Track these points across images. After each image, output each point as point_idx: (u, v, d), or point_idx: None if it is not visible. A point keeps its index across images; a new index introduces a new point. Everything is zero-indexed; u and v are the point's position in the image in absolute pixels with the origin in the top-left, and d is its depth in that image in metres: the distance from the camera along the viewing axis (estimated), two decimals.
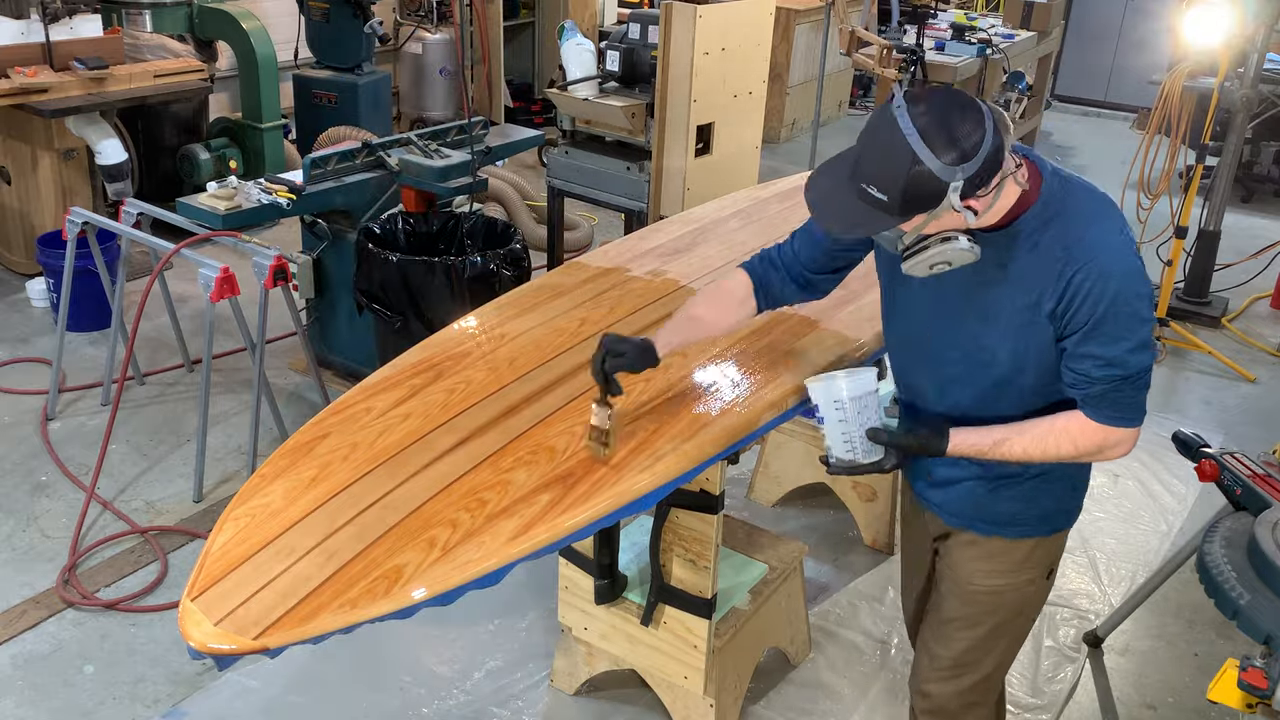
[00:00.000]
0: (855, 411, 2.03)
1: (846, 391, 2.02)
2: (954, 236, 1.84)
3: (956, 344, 2.02)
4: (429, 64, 7.41)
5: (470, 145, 4.25)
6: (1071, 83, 10.30)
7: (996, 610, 2.22)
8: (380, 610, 1.80)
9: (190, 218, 3.94)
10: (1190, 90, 5.64)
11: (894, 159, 1.74)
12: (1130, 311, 1.85)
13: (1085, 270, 1.83)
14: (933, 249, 1.85)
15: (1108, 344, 1.86)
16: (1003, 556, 2.18)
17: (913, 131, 1.72)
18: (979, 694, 2.32)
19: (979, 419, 2.05)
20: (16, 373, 4.62)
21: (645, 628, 2.77)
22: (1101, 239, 1.85)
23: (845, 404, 2.02)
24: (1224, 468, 2.79)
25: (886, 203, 1.76)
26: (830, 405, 2.03)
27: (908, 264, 1.89)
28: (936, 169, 1.73)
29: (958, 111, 1.75)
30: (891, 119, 1.75)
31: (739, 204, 3.55)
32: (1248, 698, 2.21)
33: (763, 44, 4.94)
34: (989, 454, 2.02)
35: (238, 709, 2.97)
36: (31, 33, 5.11)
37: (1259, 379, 5.16)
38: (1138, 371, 1.89)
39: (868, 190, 1.77)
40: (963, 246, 1.84)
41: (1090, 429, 1.95)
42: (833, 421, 2.04)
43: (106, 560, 3.52)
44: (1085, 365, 1.89)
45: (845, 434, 2.04)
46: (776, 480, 3.93)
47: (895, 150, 1.74)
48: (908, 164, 1.73)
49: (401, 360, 2.49)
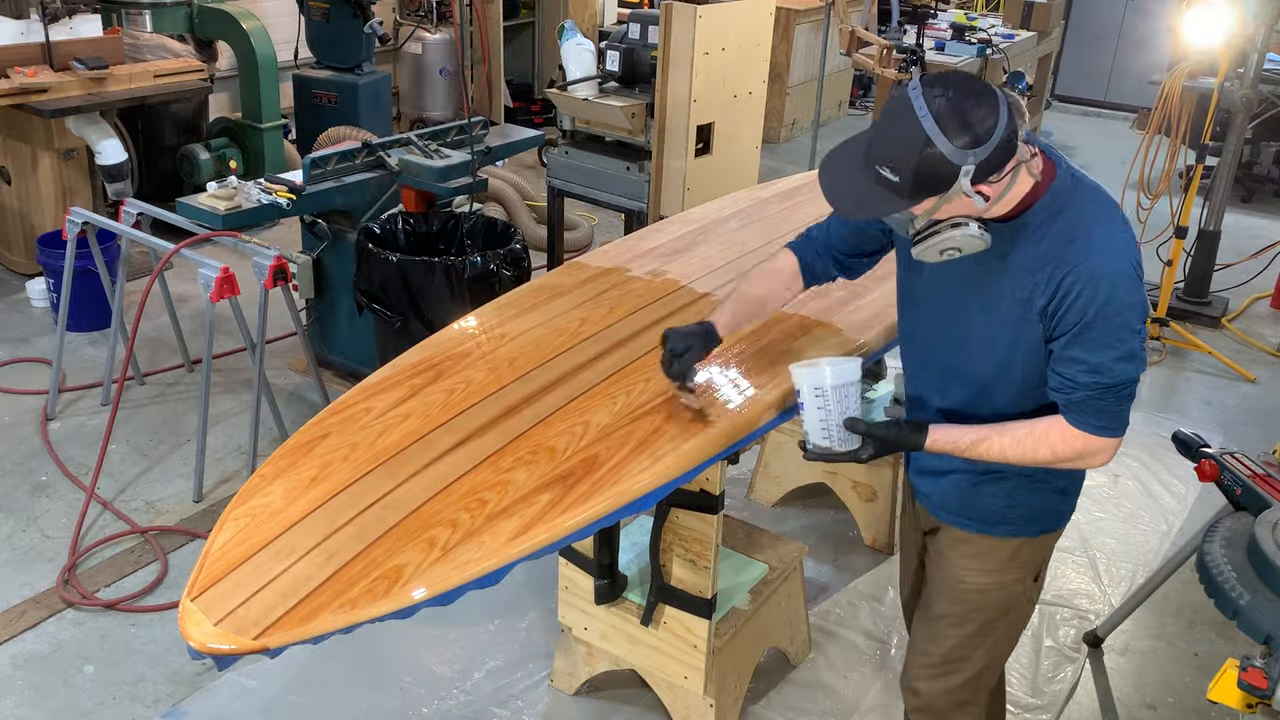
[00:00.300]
0: (836, 400, 2.02)
1: (830, 379, 2.01)
2: (964, 222, 1.84)
3: (958, 334, 2.03)
4: (429, 64, 7.41)
5: (470, 145, 4.25)
6: (1071, 83, 10.31)
7: (983, 608, 2.23)
8: (380, 610, 1.80)
9: (190, 218, 3.94)
10: (1190, 90, 5.64)
11: (907, 140, 1.75)
12: (1120, 320, 1.84)
13: (1077, 271, 1.83)
14: (943, 234, 1.85)
15: (1094, 350, 1.85)
16: (988, 555, 2.18)
17: (926, 114, 1.73)
18: (969, 692, 2.32)
19: (973, 416, 2.06)
20: (16, 373, 4.62)
21: (645, 628, 2.77)
22: (1101, 242, 1.85)
23: (827, 391, 2.02)
24: (1224, 468, 2.79)
25: (898, 184, 1.77)
26: (811, 391, 2.03)
27: (918, 249, 1.89)
28: (948, 152, 1.73)
29: (973, 96, 1.75)
30: (906, 101, 1.76)
31: (739, 204, 3.55)
32: (1248, 698, 2.21)
33: (763, 44, 4.94)
34: (966, 452, 2.02)
35: (238, 709, 2.97)
36: (31, 33, 5.11)
37: (1259, 379, 5.16)
38: (1123, 381, 1.87)
39: (880, 171, 1.78)
40: (973, 233, 1.84)
41: (1070, 435, 1.94)
42: (812, 408, 2.04)
43: (106, 560, 3.52)
44: (1070, 369, 1.88)
45: (824, 421, 2.04)
46: (776, 480, 3.93)
47: (908, 131, 1.75)
48: (920, 145, 1.74)
49: (401, 360, 2.49)
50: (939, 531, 2.26)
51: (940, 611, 2.27)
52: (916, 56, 6.20)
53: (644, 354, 2.52)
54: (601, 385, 2.38)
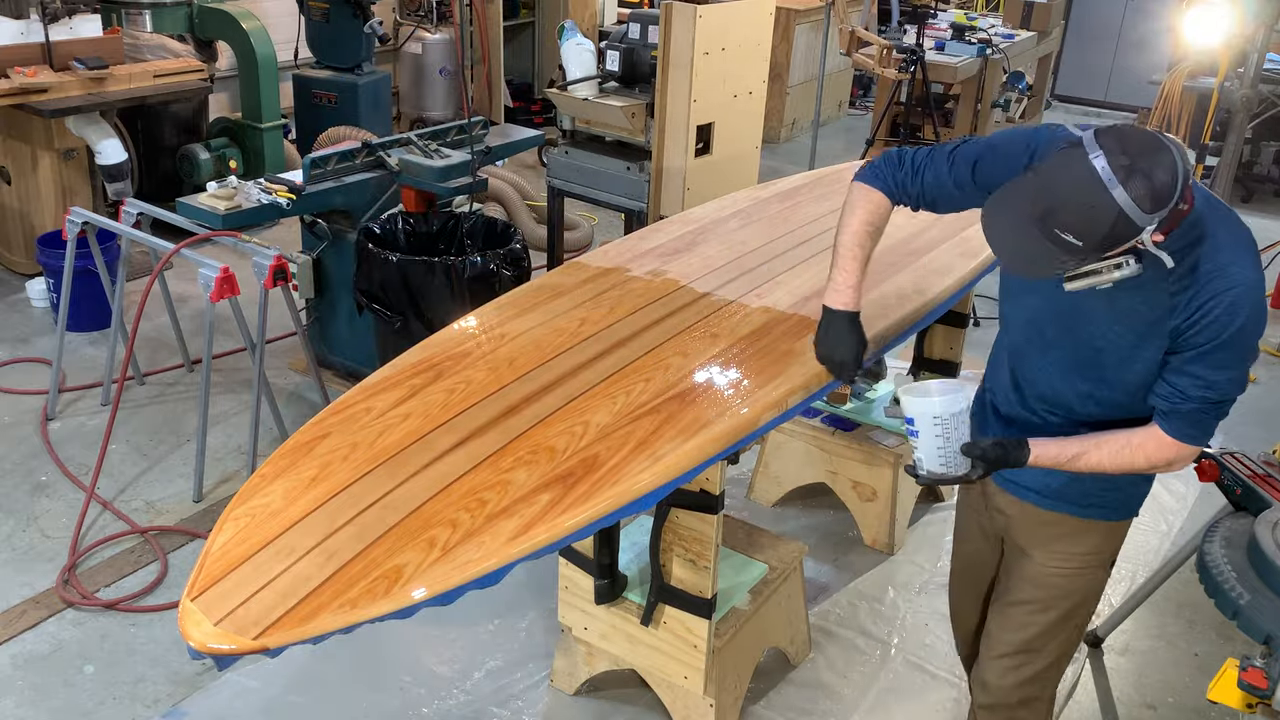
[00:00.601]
0: (954, 427, 2.07)
1: (947, 407, 2.05)
2: (1125, 262, 1.85)
3: (1074, 336, 2.07)
4: (429, 64, 7.41)
5: (470, 145, 4.25)
6: (1071, 83, 10.30)
7: (1070, 594, 2.28)
8: (380, 610, 1.80)
9: (190, 218, 3.94)
10: (1190, 90, 5.65)
11: (1095, 210, 1.76)
12: (1246, 345, 1.94)
13: (1219, 299, 1.89)
14: (1104, 274, 1.87)
15: (1215, 368, 1.94)
16: (1079, 537, 2.25)
17: (1116, 184, 1.75)
18: (1037, 687, 2.36)
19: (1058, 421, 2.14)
20: (16, 373, 4.62)
21: (645, 628, 2.77)
22: (1241, 275, 1.91)
23: (945, 419, 2.06)
24: (1224, 468, 2.79)
25: (1081, 248, 1.79)
26: (929, 421, 2.06)
27: (1072, 285, 1.91)
28: (1139, 218, 1.76)
29: (1153, 156, 1.77)
30: (1091, 170, 1.76)
31: (739, 204, 3.54)
32: (1248, 698, 2.22)
33: (763, 44, 4.94)
34: (1066, 465, 2.09)
35: (238, 709, 2.97)
36: (31, 33, 5.11)
37: (1259, 379, 5.16)
38: (1229, 399, 1.99)
39: (1062, 236, 1.78)
40: (1131, 271, 1.86)
41: (1166, 444, 2.02)
42: (929, 436, 2.08)
43: (106, 560, 3.52)
44: (1184, 382, 1.96)
45: (941, 449, 2.08)
46: (776, 480, 3.93)
47: (1095, 201, 1.76)
48: (1111, 216, 1.76)
49: (401, 360, 2.49)
50: (1020, 515, 2.29)
51: (1022, 598, 2.32)
52: (916, 56, 6.21)
53: (644, 354, 2.51)
54: (601, 385, 2.38)
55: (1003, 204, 1.88)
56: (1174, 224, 1.85)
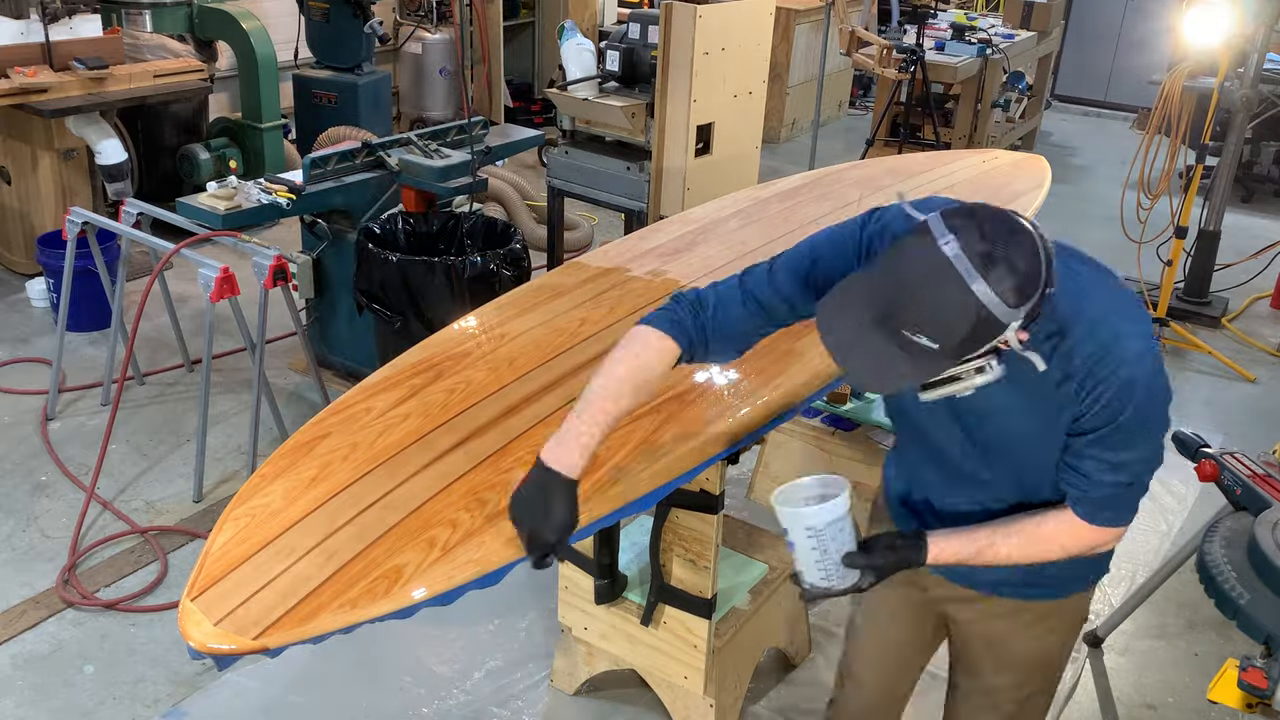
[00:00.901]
0: (831, 537, 1.83)
1: (823, 517, 1.82)
2: (987, 366, 1.63)
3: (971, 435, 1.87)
4: (429, 64, 7.41)
5: (470, 145, 4.25)
6: (1071, 83, 10.31)
7: (1047, 665, 2.14)
8: (380, 610, 1.79)
9: (190, 218, 3.94)
10: (1190, 90, 5.64)
11: (951, 308, 1.52)
12: (1149, 420, 1.73)
13: (1108, 383, 1.67)
14: (964, 380, 1.65)
15: (1118, 449, 1.73)
16: (1052, 617, 2.06)
17: (976, 276, 1.51)
18: None
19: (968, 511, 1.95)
20: (16, 373, 4.62)
21: (645, 628, 2.77)
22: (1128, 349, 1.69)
23: (821, 530, 1.83)
24: (1224, 468, 2.79)
25: (938, 351, 1.54)
26: (803, 533, 1.84)
27: (927, 395, 1.69)
28: (1002, 314, 1.52)
29: (1010, 239, 1.54)
30: (943, 260, 1.51)
31: (739, 204, 3.54)
32: (1248, 698, 2.22)
33: (763, 44, 4.94)
34: (971, 560, 1.87)
35: (238, 709, 2.97)
36: (31, 33, 5.11)
37: (1259, 379, 5.16)
38: (1144, 480, 1.78)
39: (913, 339, 1.53)
40: (994, 376, 1.64)
41: (1082, 532, 1.82)
42: (805, 549, 1.85)
43: (106, 560, 3.52)
44: (1088, 465, 1.76)
45: (820, 562, 1.85)
46: (776, 480, 3.91)
47: (952, 298, 1.51)
48: (972, 314, 1.51)
49: (401, 360, 2.49)
50: (975, 604, 2.08)
51: (996, 684, 2.15)
52: (916, 56, 6.21)
53: None
54: None
55: (839, 306, 1.62)
56: (1037, 314, 1.58)
